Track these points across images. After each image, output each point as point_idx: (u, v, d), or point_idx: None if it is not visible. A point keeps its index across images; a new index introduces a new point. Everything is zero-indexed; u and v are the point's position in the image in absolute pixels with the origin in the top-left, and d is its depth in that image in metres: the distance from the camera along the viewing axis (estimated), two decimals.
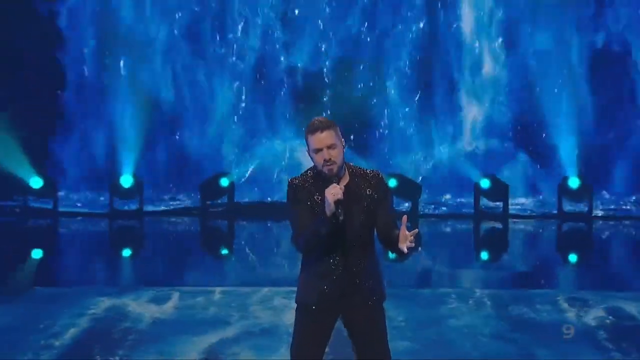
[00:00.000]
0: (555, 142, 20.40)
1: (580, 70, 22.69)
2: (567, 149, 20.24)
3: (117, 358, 9.10)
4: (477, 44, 23.55)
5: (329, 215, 5.87)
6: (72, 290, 12.54)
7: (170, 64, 22.60)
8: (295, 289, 5.91)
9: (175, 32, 23.15)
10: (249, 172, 18.51)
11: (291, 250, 9.53)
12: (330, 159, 6.06)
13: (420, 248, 15.09)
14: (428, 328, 10.54)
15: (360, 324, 6.29)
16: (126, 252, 16.58)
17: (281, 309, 10.64)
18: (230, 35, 22.86)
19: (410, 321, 10.31)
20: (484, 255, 16.53)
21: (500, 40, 23.10)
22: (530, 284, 14.23)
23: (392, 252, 6.43)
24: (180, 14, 23.09)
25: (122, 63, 22.13)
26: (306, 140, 6.35)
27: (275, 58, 22.32)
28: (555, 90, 22.36)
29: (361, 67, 22.92)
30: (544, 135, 20.95)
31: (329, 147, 6.07)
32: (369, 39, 23.04)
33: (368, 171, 6.32)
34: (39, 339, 9.79)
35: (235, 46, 22.69)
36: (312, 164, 5.83)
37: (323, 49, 22.93)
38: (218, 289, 12.48)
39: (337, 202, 5.83)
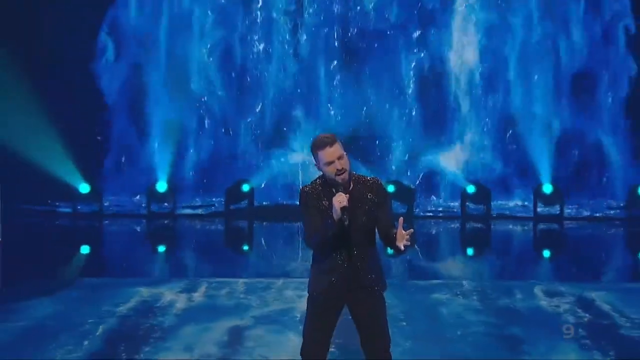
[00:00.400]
0: (529, 158, 19.54)
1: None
2: (541, 160, 19.14)
3: (156, 335, 9.49)
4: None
5: (336, 220, 6.47)
6: (114, 281, 13.07)
7: (204, 81, 21.24)
8: (306, 280, 6.18)
9: (205, 52, 21.79)
10: (265, 180, 18.27)
11: (302, 247, 9.72)
12: (342, 168, 6.50)
13: (415, 246, 15.30)
14: (421, 314, 10.76)
15: (363, 311, 6.40)
16: (160, 247, 16.65)
17: (294, 298, 11.00)
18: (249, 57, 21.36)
19: (404, 308, 10.51)
20: (470, 251, 16.36)
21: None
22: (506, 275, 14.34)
23: (391, 249, 6.75)
24: (210, 33, 21.89)
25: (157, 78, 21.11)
26: (315, 156, 6.45)
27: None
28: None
29: None
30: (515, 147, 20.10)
31: (339, 158, 6.31)
32: None
33: (369, 178, 6.51)
34: (87, 317, 10.18)
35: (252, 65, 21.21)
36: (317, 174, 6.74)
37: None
38: (241, 280, 12.85)
39: (343, 209, 5.84)
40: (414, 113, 20.25)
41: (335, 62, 20.53)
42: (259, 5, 22.22)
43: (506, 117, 19.85)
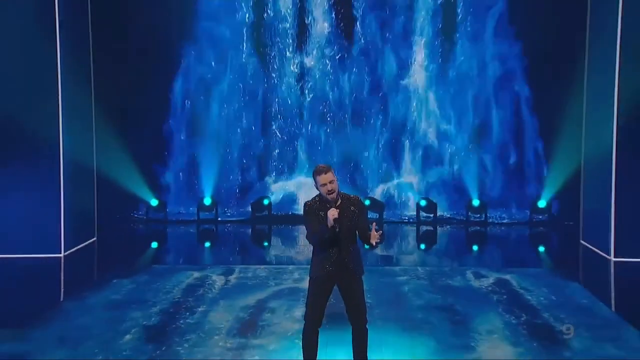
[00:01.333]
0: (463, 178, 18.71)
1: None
2: (471, 181, 18.68)
3: (199, 311, 10.28)
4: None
5: (329, 227, 6.87)
6: (177, 267, 13.29)
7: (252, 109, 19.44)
8: (308, 267, 7.29)
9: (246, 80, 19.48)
10: (280, 196, 18.17)
11: (305, 244, 10.22)
12: (332, 189, 6.97)
13: (383, 242, 14.40)
14: (387, 290, 11.50)
15: (348, 289, 7.16)
16: (207, 244, 16.64)
17: (299, 279, 11.45)
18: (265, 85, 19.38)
19: (373, 286, 10.85)
20: (423, 247, 16.53)
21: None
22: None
23: (367, 245, 7.16)
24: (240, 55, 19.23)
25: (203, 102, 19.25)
26: (315, 179, 7.09)
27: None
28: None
29: None
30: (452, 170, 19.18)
31: (330, 182, 6.95)
32: None
33: (351, 196, 7.31)
34: (158, 292, 11.29)
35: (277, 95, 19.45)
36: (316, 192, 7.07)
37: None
38: (262, 266, 13.40)
39: (335, 220, 6.85)
40: (381, 150, 18.84)
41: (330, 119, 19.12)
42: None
43: (443, 148, 18.80)
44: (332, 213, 6.95)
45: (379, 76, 18.97)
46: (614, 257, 13.55)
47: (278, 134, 18.63)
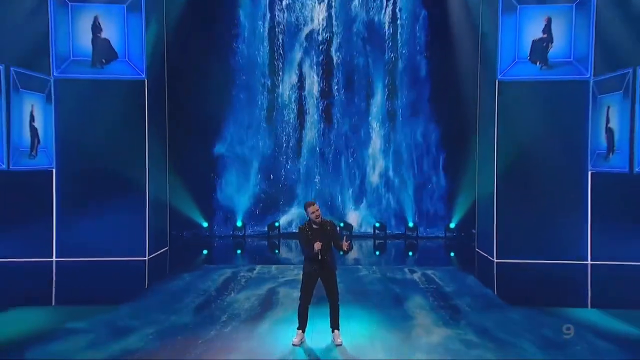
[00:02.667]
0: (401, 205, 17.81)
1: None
2: (408, 205, 17.78)
3: (233, 293, 10.44)
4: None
5: (313, 253, 7.29)
6: (211, 268, 12.88)
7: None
8: (302, 266, 7.60)
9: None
10: (287, 220, 17.55)
11: (300, 253, 9.85)
12: (317, 215, 7.27)
13: (352, 249, 15.75)
14: (352, 281, 11.41)
15: (327, 280, 7.50)
16: (238, 251, 15.99)
17: (297, 274, 10.03)
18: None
19: (343, 278, 9.97)
20: (377, 253, 16.07)
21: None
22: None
23: (340, 251, 7.48)
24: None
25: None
26: (306, 209, 7.45)
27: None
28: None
29: None
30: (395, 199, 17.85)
31: (317, 210, 7.28)
32: None
33: (328, 220, 7.53)
34: (202, 282, 11.30)
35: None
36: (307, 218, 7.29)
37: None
38: (274, 266, 13.10)
39: (318, 250, 7.17)
40: (352, 189, 17.69)
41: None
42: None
43: (393, 188, 17.71)
44: (317, 246, 7.22)
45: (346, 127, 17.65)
46: (496, 259, 13.55)
47: (281, 184, 17.83)
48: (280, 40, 17.10)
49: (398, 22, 16.81)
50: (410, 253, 15.20)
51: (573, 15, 12.75)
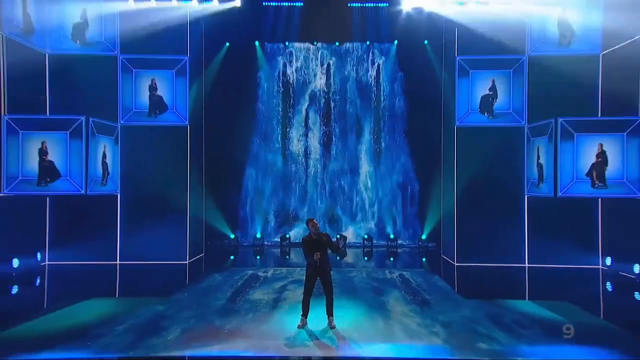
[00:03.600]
0: (383, 220, 17.25)
1: None
2: (389, 222, 17.19)
3: (253, 289, 10.19)
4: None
5: (312, 262, 7.38)
6: (237, 270, 12.54)
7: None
8: (305, 268, 7.57)
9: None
10: (294, 233, 16.78)
11: (303, 259, 8.47)
12: (317, 229, 7.34)
13: (345, 250, 14.85)
14: (343, 279, 11.12)
15: (324, 278, 7.44)
16: (257, 257, 15.23)
17: (301, 274, 9.13)
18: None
19: (336, 277, 9.57)
20: (365, 258, 15.20)
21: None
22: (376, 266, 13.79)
23: (334, 253, 7.54)
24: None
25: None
26: (307, 224, 7.45)
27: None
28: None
29: None
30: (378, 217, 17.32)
31: (315, 225, 7.36)
32: None
33: (324, 233, 7.54)
34: (230, 280, 11.15)
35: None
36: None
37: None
38: (284, 268, 12.78)
39: (317, 258, 7.25)
40: (344, 210, 17.17)
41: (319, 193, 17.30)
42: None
43: (381, 210, 17.09)
44: (316, 256, 7.26)
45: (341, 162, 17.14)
46: (456, 262, 13.36)
47: (291, 206, 17.23)
48: (291, 94, 16.95)
49: (380, 81, 16.80)
50: (391, 259, 15.04)
51: (511, 77, 12.94)
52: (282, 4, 14.31)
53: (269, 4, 14.21)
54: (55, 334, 7.13)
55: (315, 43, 16.62)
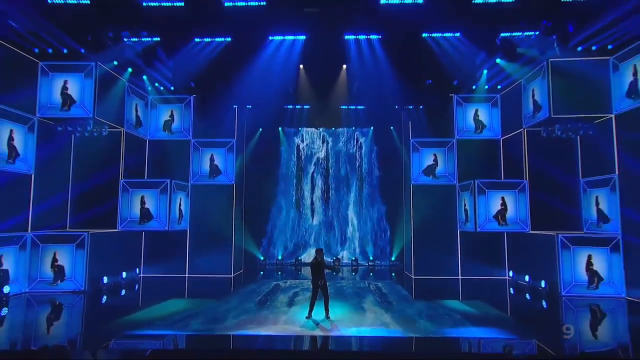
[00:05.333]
0: (365, 245, 16.84)
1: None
2: (368, 247, 16.78)
3: (276, 294, 9.93)
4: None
5: (317, 282, 7.46)
6: (265, 281, 12.33)
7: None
8: (311, 282, 7.63)
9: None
10: (305, 256, 16.62)
11: (309, 276, 8.21)
12: (321, 256, 7.39)
13: (340, 269, 14.64)
14: (338, 287, 10.96)
15: (323, 289, 7.52)
16: (279, 273, 14.70)
17: (309, 285, 9.37)
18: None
19: (332, 285, 10.12)
20: (352, 274, 14.65)
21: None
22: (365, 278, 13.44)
23: (333, 272, 8.42)
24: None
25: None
26: (316, 252, 7.51)
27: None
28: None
29: None
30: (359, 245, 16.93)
31: (321, 252, 7.50)
32: None
33: (325, 259, 7.52)
34: (261, 288, 10.95)
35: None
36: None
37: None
38: (297, 280, 12.43)
39: (319, 282, 7.25)
40: (339, 241, 16.86)
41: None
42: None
43: (364, 240, 16.68)
44: (319, 281, 7.17)
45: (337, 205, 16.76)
46: (413, 276, 13.18)
47: (301, 238, 16.94)
48: (302, 162, 17.11)
49: (362, 152, 16.97)
50: (370, 274, 14.59)
51: (446, 153, 13.38)
52: (296, 106, 14.65)
53: (288, 106, 14.52)
54: (153, 319, 7.56)
55: (318, 128, 16.91)
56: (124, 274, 11.80)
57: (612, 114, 9.62)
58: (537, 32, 8.96)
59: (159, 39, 9.70)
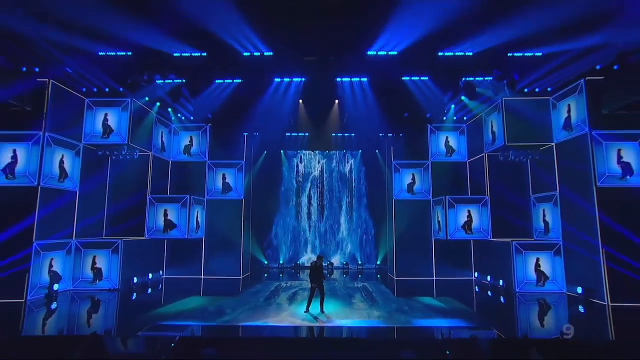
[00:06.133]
0: (355, 253, 16.90)
1: None
2: (359, 254, 16.87)
3: (279, 292, 9.97)
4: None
5: (314, 283, 7.66)
6: (269, 282, 12.28)
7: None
8: (309, 282, 7.85)
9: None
10: (304, 260, 16.67)
11: (308, 277, 8.44)
12: (321, 261, 7.59)
13: (332, 272, 14.72)
14: (332, 287, 11.02)
15: (320, 288, 7.70)
16: (280, 275, 14.54)
17: (307, 285, 9.83)
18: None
19: (327, 286, 9.81)
20: (344, 275, 14.50)
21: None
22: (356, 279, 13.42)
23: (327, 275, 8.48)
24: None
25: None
26: (317, 257, 7.69)
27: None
28: None
29: None
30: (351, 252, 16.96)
31: (320, 259, 7.67)
32: None
33: (323, 263, 7.74)
34: (266, 288, 11.08)
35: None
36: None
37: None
38: (296, 281, 12.35)
39: (314, 281, 7.40)
40: (332, 246, 16.92)
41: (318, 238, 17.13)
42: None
43: (354, 248, 16.66)
44: (315, 283, 7.17)
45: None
46: (395, 277, 13.09)
47: (300, 244, 16.91)
48: (300, 179, 17.19)
49: (352, 171, 17.16)
50: (359, 275, 14.44)
51: (422, 173, 13.52)
52: (296, 133, 15.14)
53: (289, 133, 15.04)
54: (176, 313, 7.84)
55: (314, 151, 17.00)
56: (150, 275, 11.98)
57: (553, 142, 10.35)
58: (491, 78, 9.89)
59: (184, 80, 10.40)
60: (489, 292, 10.36)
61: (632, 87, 8.06)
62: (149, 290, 10.68)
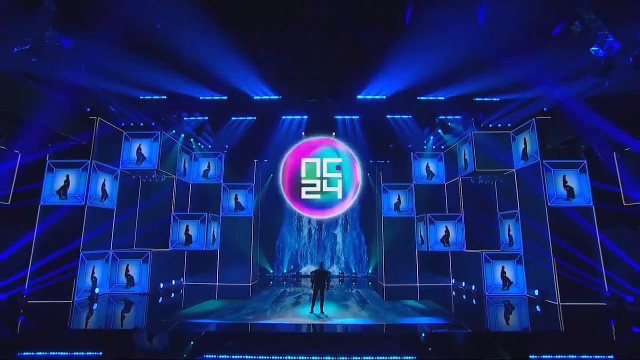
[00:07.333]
0: (348, 262, 16.54)
1: None
2: (351, 260, 16.53)
3: (284, 297, 10.04)
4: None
5: (315, 287, 7.76)
6: (275, 288, 12.31)
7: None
8: (311, 287, 8.06)
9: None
10: (305, 269, 16.49)
11: (310, 283, 8.71)
12: (322, 268, 7.80)
13: (331, 283, 13.54)
14: (331, 292, 10.97)
15: (321, 292, 7.96)
16: (284, 282, 14.48)
17: (309, 290, 9.96)
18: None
19: (327, 292, 9.23)
20: (339, 283, 14.34)
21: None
22: (354, 285, 13.18)
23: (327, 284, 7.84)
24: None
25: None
26: (319, 265, 7.77)
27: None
28: None
29: None
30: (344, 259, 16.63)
31: (322, 266, 7.94)
32: None
33: (325, 270, 7.91)
34: (272, 293, 11.10)
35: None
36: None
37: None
38: (299, 287, 12.42)
39: (317, 286, 7.48)
40: (329, 259, 16.60)
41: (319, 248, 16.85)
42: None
43: (348, 258, 16.46)
44: (317, 289, 7.24)
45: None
46: (384, 284, 13.06)
47: (302, 256, 16.67)
48: None
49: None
50: (353, 283, 14.31)
51: (407, 193, 13.66)
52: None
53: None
54: (197, 314, 8.15)
55: None
56: (173, 282, 12.28)
57: (514, 169, 11.13)
58: (461, 116, 11.00)
59: (207, 118, 11.52)
60: (464, 296, 10.69)
61: (566, 127, 9.23)
62: (172, 295, 10.94)
